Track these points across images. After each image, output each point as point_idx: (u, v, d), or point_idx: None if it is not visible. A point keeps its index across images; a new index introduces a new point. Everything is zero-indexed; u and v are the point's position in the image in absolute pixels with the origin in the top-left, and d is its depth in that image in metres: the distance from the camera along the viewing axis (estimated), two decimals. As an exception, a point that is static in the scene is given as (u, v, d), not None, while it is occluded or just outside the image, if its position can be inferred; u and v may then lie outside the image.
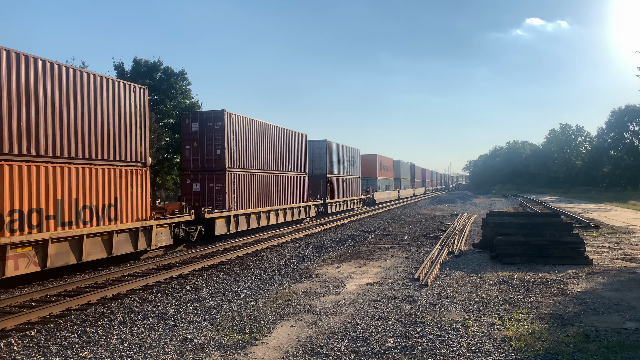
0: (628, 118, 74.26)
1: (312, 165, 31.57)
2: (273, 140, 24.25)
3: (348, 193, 37.39)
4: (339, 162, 35.02)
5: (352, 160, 39.18)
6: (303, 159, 28.22)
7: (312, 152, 31.61)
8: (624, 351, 6.56)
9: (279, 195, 24.53)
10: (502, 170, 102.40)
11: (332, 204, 33.41)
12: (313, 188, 30.77)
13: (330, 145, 33.38)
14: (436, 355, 6.55)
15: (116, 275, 12.61)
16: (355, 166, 40.27)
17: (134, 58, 42.87)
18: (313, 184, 30.78)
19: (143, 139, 14.99)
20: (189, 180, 20.43)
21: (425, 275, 11.62)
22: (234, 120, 20.54)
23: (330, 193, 32.90)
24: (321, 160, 32.40)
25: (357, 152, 41.60)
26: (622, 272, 11.99)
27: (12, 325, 8.31)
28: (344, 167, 36.53)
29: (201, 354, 6.78)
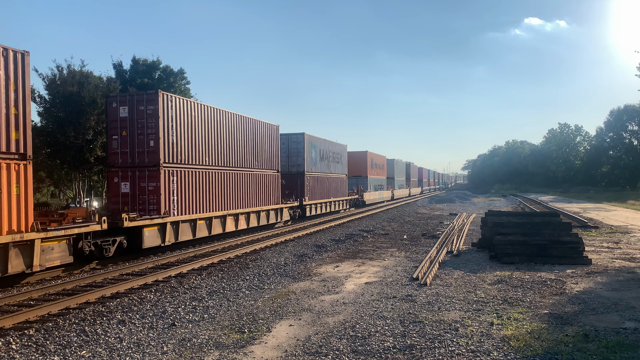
0: (627, 118, 74.25)
1: (288, 161, 28.36)
2: (232, 130, 20.43)
3: (332, 193, 33.88)
4: (320, 159, 31.48)
5: (337, 157, 35.58)
6: (274, 155, 24.56)
7: (288, 147, 28.44)
8: (623, 351, 6.56)
9: (241, 197, 20.94)
10: (501, 170, 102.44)
11: (311, 205, 29.76)
12: (289, 188, 27.63)
13: (310, 140, 29.67)
14: (435, 354, 6.54)
15: (115, 275, 12.59)
16: (341, 164, 36.80)
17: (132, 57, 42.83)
18: (289, 183, 27.67)
19: (20, 122, 11.40)
20: (116, 178, 16.48)
21: (424, 275, 11.61)
22: (173, 104, 16.77)
23: (310, 193, 29.31)
24: (299, 157, 28.59)
25: (344, 149, 37.82)
26: (621, 272, 11.99)
27: (10, 324, 8.29)
28: (327, 164, 33.02)
29: (200, 353, 6.77)
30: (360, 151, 46.25)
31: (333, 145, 34.86)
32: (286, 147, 28.24)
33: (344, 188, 37.15)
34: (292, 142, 28.79)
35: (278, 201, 24.88)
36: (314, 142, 30.49)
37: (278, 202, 24.82)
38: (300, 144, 28.80)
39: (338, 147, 36.16)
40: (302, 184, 28.43)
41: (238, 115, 21.17)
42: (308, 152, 29.19)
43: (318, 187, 30.96)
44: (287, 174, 27.66)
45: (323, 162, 32.07)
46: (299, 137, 28.85)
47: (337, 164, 35.55)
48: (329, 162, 33.32)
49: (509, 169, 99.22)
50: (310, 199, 29.43)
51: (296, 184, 28.33)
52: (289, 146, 28.59)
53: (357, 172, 44.89)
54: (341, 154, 36.95)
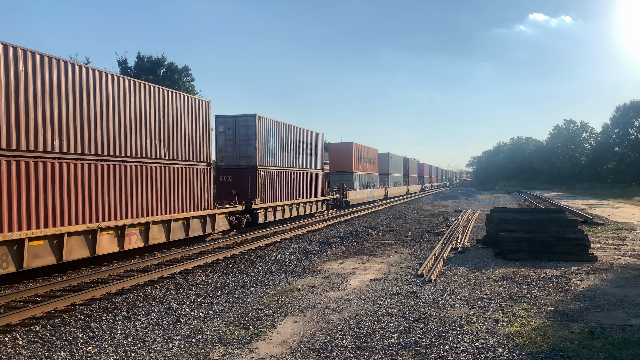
0: (633, 114, 73.82)
1: (235, 152, 22.34)
2: (106, 100, 13.43)
3: (301, 193, 27.36)
4: (283, 150, 25.06)
5: (309, 148, 29.07)
6: (203, 141, 17.83)
7: (235, 133, 22.32)
8: (628, 348, 6.54)
9: (133, 200, 14.20)
10: (505, 167, 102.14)
11: (266, 209, 23.01)
12: (237, 186, 21.61)
13: (265, 124, 23.05)
14: (440, 351, 6.54)
15: (120, 271, 12.64)
16: (317, 157, 30.25)
17: (137, 54, 42.92)
18: (237, 180, 21.99)
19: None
20: None
21: (429, 272, 11.60)
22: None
23: (264, 194, 22.81)
24: (249, 146, 22.15)
25: (319, 138, 30.97)
26: (627, 269, 11.94)
27: (17, 320, 8.34)
28: (294, 156, 26.58)
29: (205, 350, 6.79)
30: (344, 142, 40.30)
31: (303, 134, 28.11)
32: (232, 133, 22.36)
33: (320, 186, 30.72)
34: (239, 127, 22.34)
35: (208, 205, 18.11)
36: (272, 127, 23.88)
37: (208, 207, 18.13)
38: (250, 129, 22.19)
39: (310, 135, 29.37)
40: (252, 182, 22.08)
41: (129, 80, 14.49)
42: (262, 139, 22.78)
43: (279, 185, 24.44)
44: (234, 168, 22.33)
45: (287, 154, 25.62)
46: (249, 119, 22.19)
47: (310, 157, 29.05)
48: (296, 153, 26.78)
49: (514, 166, 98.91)
50: (264, 201, 22.78)
51: (245, 182, 22.04)
52: (235, 132, 22.39)
53: (340, 167, 39.24)
54: (316, 145, 30.26)
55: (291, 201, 25.94)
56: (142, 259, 14.26)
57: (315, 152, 30.13)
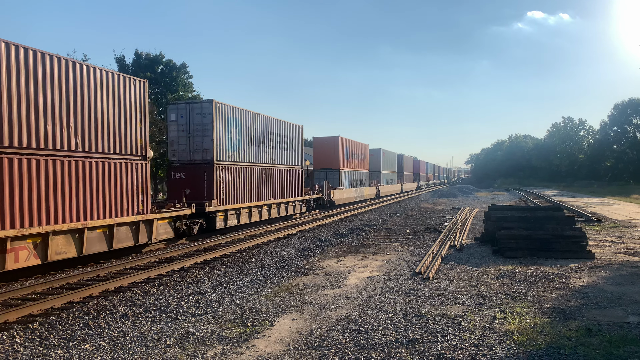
0: (631, 112, 73.93)
1: (189, 144, 19.21)
2: None
3: (275, 192, 24.08)
4: (250, 142, 21.78)
5: (284, 141, 25.72)
6: (130, 129, 14.47)
7: (189, 122, 19.18)
8: (626, 345, 6.55)
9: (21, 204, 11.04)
10: (504, 164, 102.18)
11: (227, 212, 19.55)
12: (190, 184, 18.83)
13: (226, 112, 19.86)
14: (438, 348, 6.54)
15: (118, 268, 12.63)
16: (295, 152, 27.06)
17: (135, 51, 42.80)
18: (192, 178, 18.99)
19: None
20: None
21: (427, 269, 11.61)
22: None
23: (225, 193, 19.53)
24: (205, 137, 19.06)
25: (297, 131, 27.71)
26: (625, 266, 11.97)
27: (14, 318, 8.33)
28: (266, 150, 23.32)
29: (203, 347, 6.79)
30: (329, 137, 36.59)
31: (277, 125, 24.77)
32: (186, 123, 19.31)
33: (298, 185, 27.37)
34: (194, 115, 19.19)
35: (143, 208, 14.75)
36: (235, 115, 20.57)
37: (143, 211, 14.74)
38: (207, 117, 19.03)
39: (286, 127, 26.00)
40: (209, 180, 18.91)
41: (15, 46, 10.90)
42: (222, 130, 19.60)
43: (244, 183, 21.10)
44: (188, 164, 19.34)
45: (256, 148, 22.33)
46: (205, 106, 19.09)
47: (286, 152, 25.81)
48: (268, 147, 23.53)
49: (512, 163, 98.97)
50: (225, 203, 19.47)
51: (201, 180, 18.94)
52: (189, 121, 19.29)
53: (326, 163, 35.93)
54: (293, 138, 26.86)
55: (261, 202, 22.38)
56: (140, 257, 14.24)
57: (292, 147, 26.77)
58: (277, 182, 24.45)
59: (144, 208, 14.86)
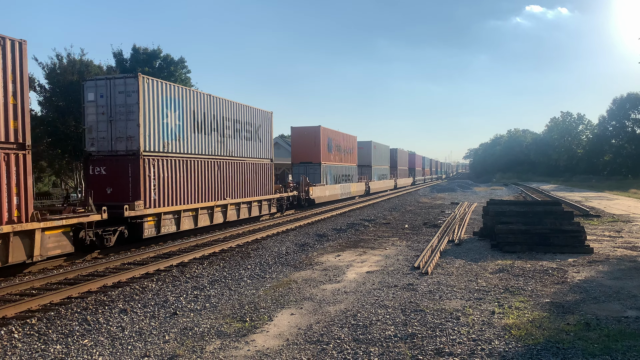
0: (630, 106, 73.87)
1: (111, 130, 15.40)
2: None
3: (234, 190, 20.19)
4: (196, 129, 17.91)
5: (249, 129, 21.95)
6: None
7: (111, 103, 15.34)
8: (624, 339, 6.56)
9: None
10: (502, 159, 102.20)
11: (159, 217, 15.68)
12: (111, 181, 15.29)
13: (159, 90, 15.92)
14: (436, 343, 6.55)
15: (117, 264, 12.61)
16: (261, 142, 23.24)
17: (133, 46, 42.62)
18: (112, 172, 15.32)
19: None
20: None
21: (426, 264, 11.62)
22: None
23: (158, 192, 15.72)
24: (129, 121, 15.18)
25: (265, 118, 23.86)
26: (623, 261, 11.98)
27: (13, 313, 8.32)
28: (221, 140, 19.45)
29: (201, 342, 6.79)
30: (308, 126, 32.64)
31: (237, 110, 20.93)
32: (107, 104, 15.40)
33: (267, 181, 23.59)
34: (116, 93, 15.30)
35: (19, 215, 11.03)
36: (173, 95, 16.63)
37: (18, 219, 10.99)
38: (132, 96, 15.17)
39: (249, 113, 22.06)
40: (134, 175, 15.08)
41: None
42: (154, 112, 15.70)
43: (189, 180, 17.23)
44: (109, 155, 15.42)
45: (205, 136, 18.45)
46: (130, 82, 15.17)
47: (249, 142, 21.99)
48: (222, 136, 19.63)
49: (510, 158, 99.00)
50: (157, 205, 15.61)
51: (124, 175, 15.22)
52: (111, 101, 15.37)
53: (305, 156, 32.23)
54: (259, 127, 23.10)
55: (211, 203, 18.41)
56: (139, 252, 14.23)
57: (257, 136, 22.81)
58: (237, 178, 20.61)
59: (21, 215, 11.05)
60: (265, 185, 23.39)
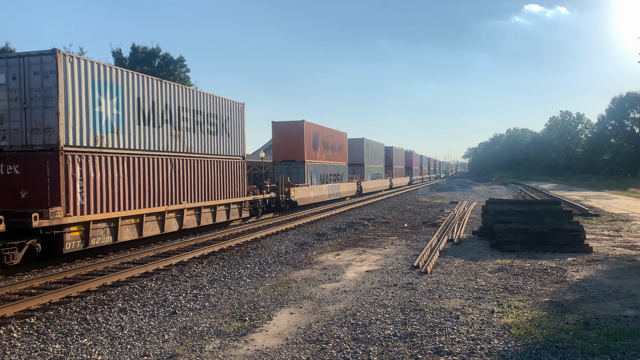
0: (629, 105, 73.94)
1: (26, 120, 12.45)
2: None
3: (194, 192, 17.30)
4: (142, 120, 14.98)
5: (214, 122, 18.96)
6: None
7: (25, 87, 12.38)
8: (623, 338, 6.57)
9: None
10: (502, 158, 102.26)
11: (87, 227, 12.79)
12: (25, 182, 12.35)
13: (89, 72, 13.09)
14: (435, 342, 6.55)
15: (115, 263, 12.61)
16: (230, 137, 20.10)
17: (132, 44, 42.62)
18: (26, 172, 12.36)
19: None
20: None
21: (425, 263, 11.62)
22: None
23: (89, 196, 12.93)
24: (47, 109, 12.29)
25: (236, 110, 20.63)
26: (622, 260, 11.99)
27: (11, 313, 8.31)
28: (176, 133, 16.50)
29: (201, 341, 6.79)
30: (291, 121, 29.59)
31: (196, 99, 17.82)
32: (19, 88, 12.46)
33: (236, 181, 20.35)
34: (31, 74, 12.39)
35: None
36: (107, 78, 13.76)
37: None
38: (50, 77, 12.29)
39: (214, 103, 19.03)
40: (54, 176, 12.20)
41: None
42: (81, 98, 12.90)
43: (132, 180, 14.34)
44: (23, 151, 12.50)
45: (155, 129, 15.48)
46: (47, 61, 12.24)
47: (214, 137, 18.97)
48: (178, 129, 16.63)
49: (510, 157, 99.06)
50: (85, 211, 12.81)
51: (41, 176, 12.29)
52: (26, 84, 12.44)
53: (288, 154, 29.49)
54: (227, 119, 19.91)
55: (162, 208, 15.45)
56: (138, 251, 14.22)
57: (225, 130, 19.79)
58: (198, 179, 17.64)
59: None
60: (236, 187, 20.38)
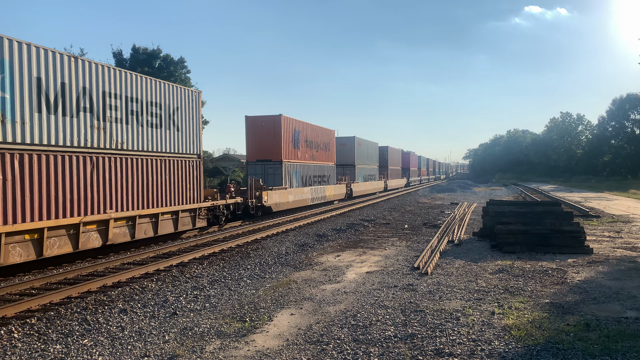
0: (629, 106, 73.96)
1: None
2: None
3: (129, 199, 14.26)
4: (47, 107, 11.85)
5: (156, 113, 15.66)
6: None
7: None
8: (624, 340, 6.56)
9: None
10: (502, 159, 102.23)
11: None
12: None
13: None
14: (436, 343, 6.55)
15: (116, 264, 12.61)
16: (179, 131, 16.71)
17: (132, 46, 42.63)
18: None
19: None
20: None
21: (425, 264, 11.62)
22: None
23: None
24: None
25: (187, 98, 17.20)
26: (623, 261, 11.99)
27: (12, 313, 8.32)
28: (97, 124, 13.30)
29: (201, 342, 6.79)
30: (267, 115, 26.21)
31: (127, 82, 14.50)
32: None
33: (189, 183, 17.03)
34: None
35: None
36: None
37: None
38: None
39: (154, 89, 15.59)
40: None
41: None
42: None
43: (28, 184, 11.28)
44: None
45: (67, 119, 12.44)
46: None
47: (157, 130, 15.62)
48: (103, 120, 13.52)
49: (510, 158, 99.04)
50: None
51: None
52: None
53: (264, 153, 26.22)
54: (175, 110, 16.53)
55: (74, 219, 12.34)
56: (138, 252, 14.22)
57: (173, 123, 16.28)
58: (133, 182, 14.48)
59: None
60: (188, 191, 16.83)
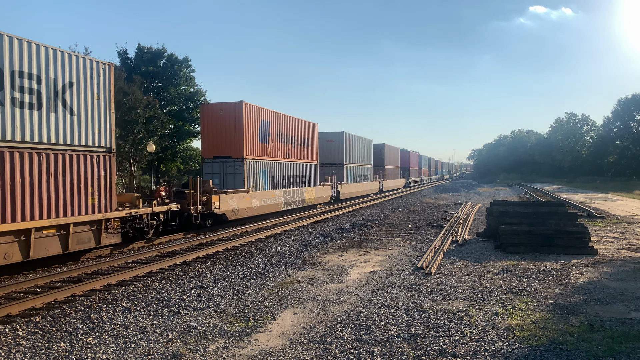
0: (635, 107, 73.57)
1: None
2: None
3: None
4: None
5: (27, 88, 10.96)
6: None
7: None
8: (628, 341, 6.53)
9: None
10: (506, 160, 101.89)
11: None
12: None
13: None
14: (439, 344, 6.54)
15: (120, 262, 12.65)
16: (75, 115, 12.27)
17: (137, 45, 42.70)
18: None
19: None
20: None
21: (429, 264, 11.60)
22: None
23: None
24: None
25: (93, 72, 12.84)
26: (627, 262, 11.94)
27: (17, 311, 8.36)
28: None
29: (205, 341, 6.80)
30: (227, 102, 22.22)
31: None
32: None
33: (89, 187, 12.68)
34: None
35: None
36: None
37: None
38: None
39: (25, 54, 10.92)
40: None
41: None
42: None
43: None
44: None
45: None
46: None
47: (35, 113, 11.25)
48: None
49: (514, 159, 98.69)
50: None
51: None
52: None
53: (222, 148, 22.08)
54: (65, 87, 12.05)
55: None
56: (142, 251, 14.26)
57: (63, 104, 12.06)
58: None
59: None
60: (89, 197, 12.80)
